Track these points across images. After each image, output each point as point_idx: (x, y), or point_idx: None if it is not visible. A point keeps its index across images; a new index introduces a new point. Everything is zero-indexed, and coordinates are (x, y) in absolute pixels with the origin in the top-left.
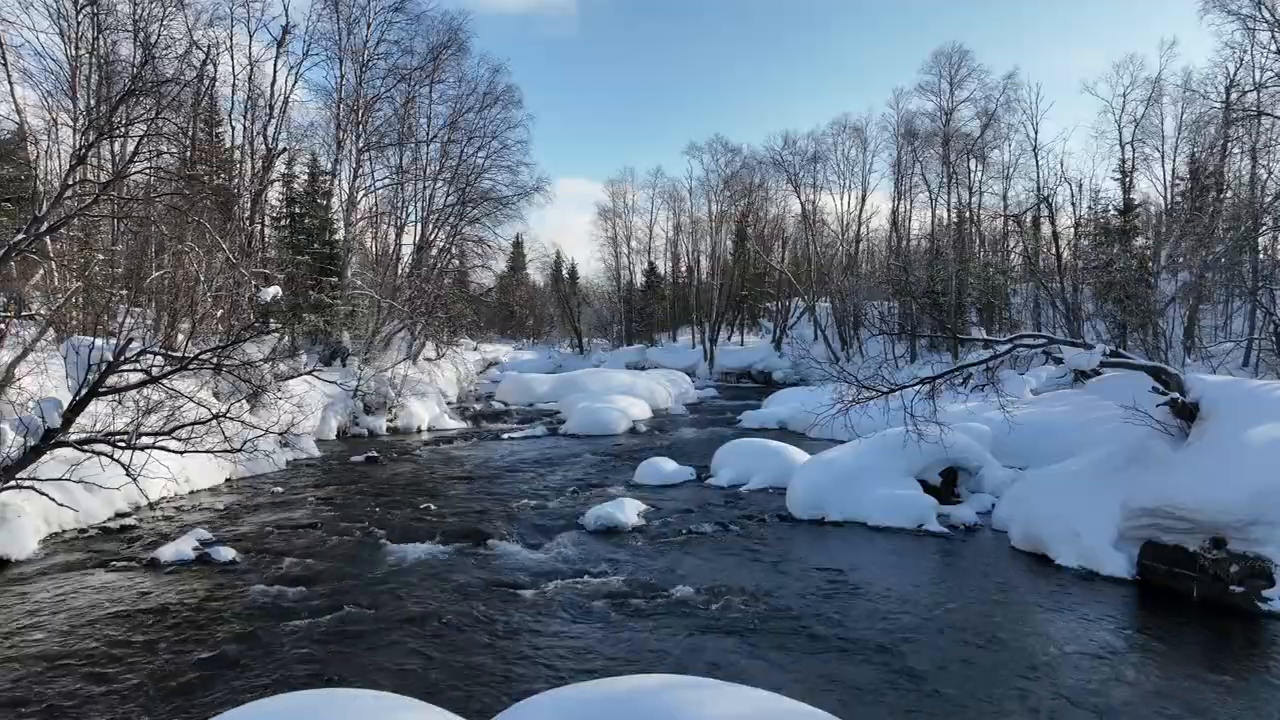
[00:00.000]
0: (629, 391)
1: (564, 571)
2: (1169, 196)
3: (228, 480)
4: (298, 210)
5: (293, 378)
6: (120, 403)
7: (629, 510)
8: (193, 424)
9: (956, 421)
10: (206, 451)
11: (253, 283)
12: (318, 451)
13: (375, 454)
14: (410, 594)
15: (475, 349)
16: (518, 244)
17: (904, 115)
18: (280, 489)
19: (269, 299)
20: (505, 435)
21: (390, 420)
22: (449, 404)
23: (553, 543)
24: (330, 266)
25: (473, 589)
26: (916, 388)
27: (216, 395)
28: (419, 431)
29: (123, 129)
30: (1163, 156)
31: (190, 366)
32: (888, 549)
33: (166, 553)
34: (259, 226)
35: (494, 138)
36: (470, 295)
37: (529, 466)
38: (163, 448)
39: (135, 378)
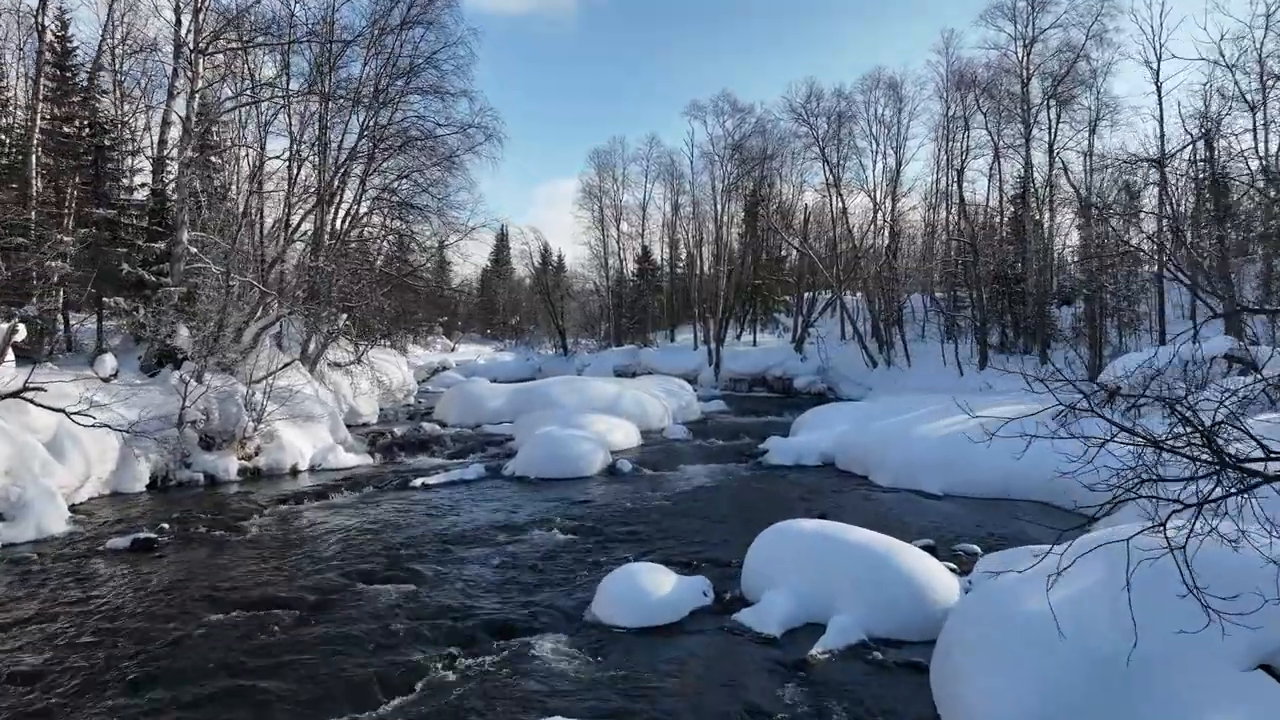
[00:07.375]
0: (611, 409)
1: None
2: None
3: None
4: (104, 143)
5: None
6: None
7: None
8: None
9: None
10: None
11: None
12: (65, 526)
13: (158, 533)
14: None
15: (453, 349)
16: (503, 236)
17: (956, 63)
18: None
19: None
20: (420, 480)
21: (247, 458)
22: (360, 426)
23: None
24: (158, 228)
25: None
26: None
27: None
28: (293, 474)
29: None
30: None
31: None
32: None
33: None
34: None
35: (419, 54)
36: (394, 276)
37: (425, 556)
38: None
39: None
